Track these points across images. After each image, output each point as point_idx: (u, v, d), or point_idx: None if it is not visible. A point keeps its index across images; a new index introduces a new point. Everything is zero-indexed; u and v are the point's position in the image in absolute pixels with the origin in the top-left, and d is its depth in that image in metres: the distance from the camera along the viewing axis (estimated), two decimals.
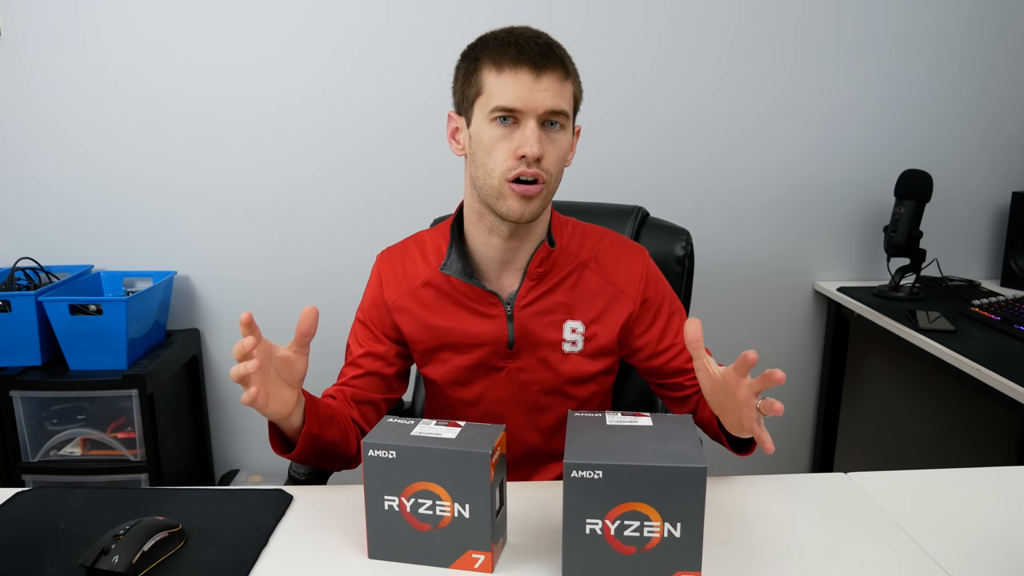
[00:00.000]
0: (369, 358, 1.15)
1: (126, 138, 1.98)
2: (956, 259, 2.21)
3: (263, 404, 0.87)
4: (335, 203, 2.05)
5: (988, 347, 1.60)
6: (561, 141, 1.02)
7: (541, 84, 0.98)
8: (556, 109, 0.99)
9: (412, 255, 1.16)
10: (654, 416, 0.87)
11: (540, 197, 1.02)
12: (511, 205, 1.01)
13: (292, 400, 0.93)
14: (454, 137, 1.09)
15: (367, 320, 1.16)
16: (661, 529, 0.75)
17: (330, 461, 1.07)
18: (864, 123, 2.11)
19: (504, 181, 1.01)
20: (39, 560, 0.84)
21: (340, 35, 1.95)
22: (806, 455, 2.33)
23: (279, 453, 0.98)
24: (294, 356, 0.90)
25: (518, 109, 0.99)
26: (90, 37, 1.92)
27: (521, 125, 1.00)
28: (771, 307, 2.21)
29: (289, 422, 0.95)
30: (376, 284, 1.17)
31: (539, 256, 1.09)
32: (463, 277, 1.09)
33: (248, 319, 0.83)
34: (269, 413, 0.91)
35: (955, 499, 0.99)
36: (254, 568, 0.84)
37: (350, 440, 1.07)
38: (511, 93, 0.98)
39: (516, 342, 1.11)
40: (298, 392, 0.94)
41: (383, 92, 1.99)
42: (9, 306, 1.79)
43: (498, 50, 1.00)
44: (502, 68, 0.99)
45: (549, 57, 0.99)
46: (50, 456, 1.85)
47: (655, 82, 2.02)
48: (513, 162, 1.00)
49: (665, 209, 1.62)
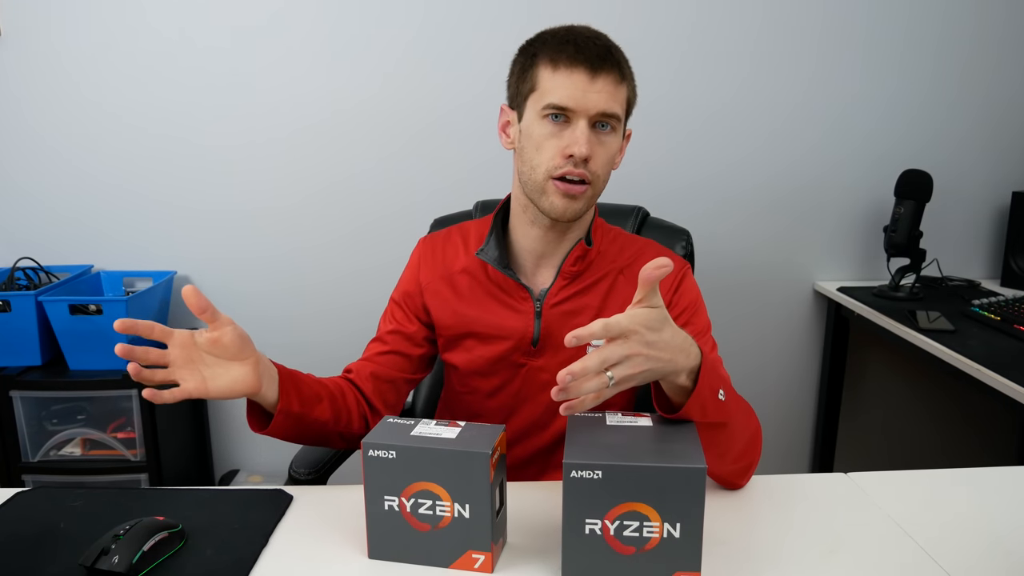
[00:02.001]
0: (397, 336, 1.15)
1: (127, 138, 1.98)
2: (956, 259, 2.21)
3: (202, 388, 0.87)
4: (336, 207, 2.05)
5: (988, 347, 1.60)
6: (610, 143, 1.03)
7: (596, 85, 0.98)
8: (608, 111, 1.00)
9: (454, 242, 1.18)
10: (654, 416, 0.87)
11: (584, 198, 1.02)
12: (553, 202, 1.02)
13: (248, 376, 0.89)
14: (504, 131, 1.09)
15: (400, 300, 1.17)
16: (660, 529, 0.75)
17: (327, 440, 1.06)
18: (864, 124, 2.11)
19: (548, 178, 1.01)
20: (39, 560, 0.84)
21: (342, 43, 1.96)
22: (806, 455, 2.33)
23: (255, 430, 0.97)
24: (214, 333, 0.87)
25: (570, 108, 0.99)
26: (91, 37, 1.92)
27: (572, 124, 1.00)
28: (771, 307, 2.21)
29: (263, 397, 0.93)
30: (414, 266, 1.18)
31: (575, 254, 1.09)
32: (498, 265, 1.10)
33: (124, 325, 0.82)
34: (224, 392, 0.88)
35: (955, 499, 0.99)
36: (254, 568, 0.84)
37: (352, 419, 1.06)
38: (565, 92, 0.99)
39: (541, 340, 1.11)
40: (251, 365, 0.89)
41: (384, 99, 1.99)
42: (9, 306, 1.79)
43: (556, 48, 1.00)
44: (558, 66, 1.00)
45: (606, 59, 0.99)
46: (50, 456, 1.85)
47: (655, 83, 2.02)
48: (560, 160, 1.00)
49: (665, 209, 1.62)
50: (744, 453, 0.97)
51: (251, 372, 0.89)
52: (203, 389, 0.87)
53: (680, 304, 1.11)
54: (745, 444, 0.96)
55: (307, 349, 2.09)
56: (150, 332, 0.85)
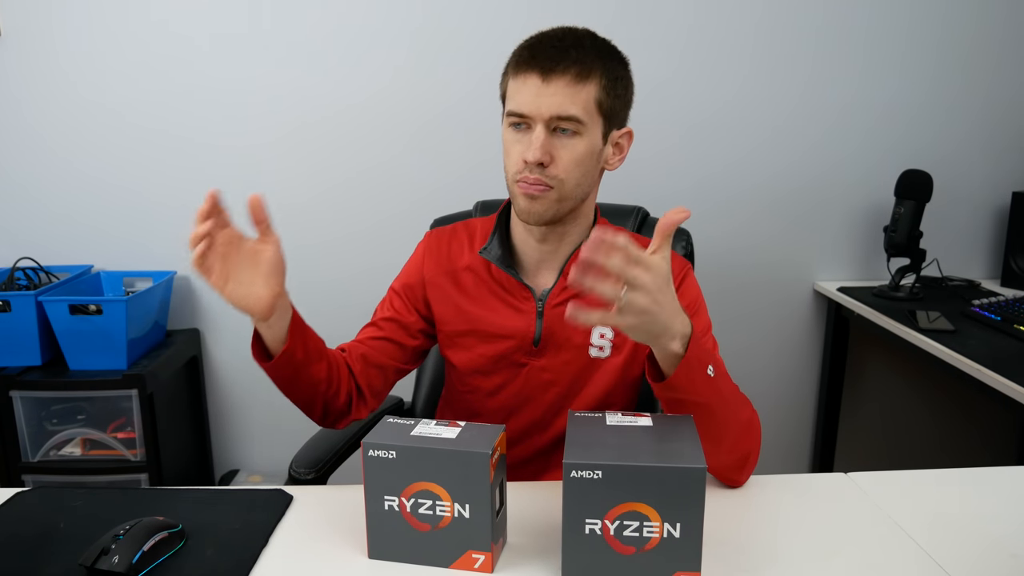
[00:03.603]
0: (392, 324, 1.16)
1: (127, 138, 1.98)
2: (956, 259, 2.21)
3: (221, 283, 0.87)
4: (336, 208, 2.05)
5: (988, 347, 1.61)
6: (576, 146, 1.01)
7: (548, 89, 0.98)
8: (563, 115, 0.98)
9: (460, 238, 1.18)
10: (654, 416, 0.87)
11: (547, 199, 1.02)
12: (520, 204, 1.04)
13: (265, 298, 0.89)
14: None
15: (401, 290, 1.18)
16: (660, 529, 0.75)
17: (312, 401, 1.04)
18: (864, 124, 2.11)
19: (514, 182, 1.03)
20: (39, 560, 0.84)
21: (343, 44, 1.96)
22: (806, 455, 2.33)
23: (257, 359, 0.97)
24: (259, 245, 0.88)
25: (525, 114, 1.00)
26: (92, 36, 1.92)
27: (531, 130, 1.00)
28: (771, 307, 2.21)
29: (270, 328, 0.94)
30: (419, 258, 1.18)
31: (576, 256, 1.08)
32: (500, 264, 1.10)
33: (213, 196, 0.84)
34: (236, 300, 0.88)
35: (955, 499, 0.99)
36: (254, 568, 0.84)
37: (340, 390, 1.06)
38: (520, 97, 1.00)
39: (542, 340, 1.11)
40: (275, 293, 0.90)
41: (385, 99, 1.99)
42: (9, 306, 1.79)
43: (518, 54, 1.02)
44: (517, 73, 1.01)
45: (560, 60, 0.98)
46: (50, 456, 1.85)
47: (654, 84, 2.02)
48: (521, 165, 1.01)
49: (665, 209, 1.61)
50: (739, 442, 0.96)
51: (269, 296, 0.90)
52: (221, 287, 0.88)
53: (681, 303, 1.10)
54: (739, 432, 0.96)
55: None
56: (212, 211, 0.85)
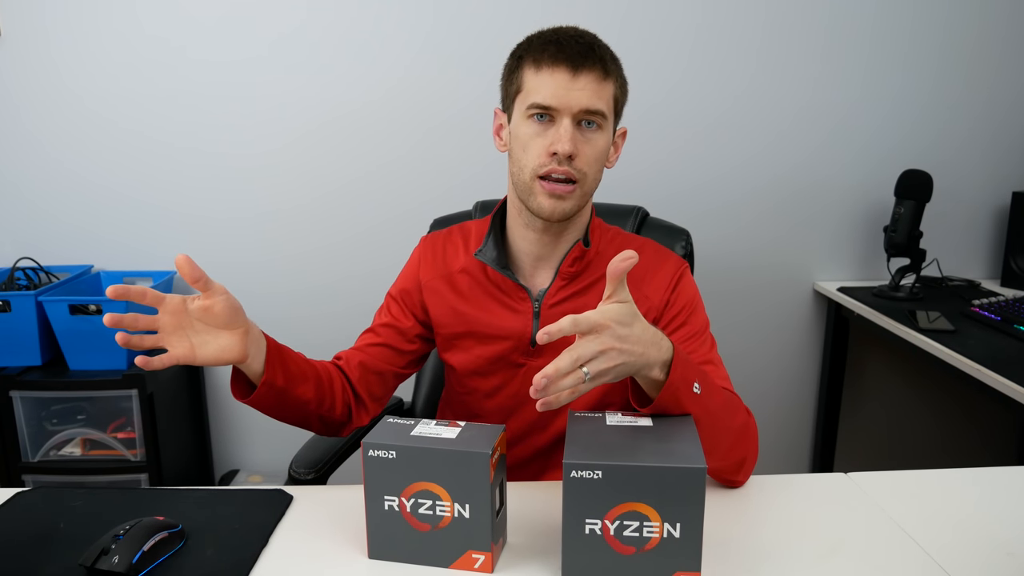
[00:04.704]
0: (390, 330, 1.16)
1: (127, 139, 1.98)
2: (956, 259, 2.21)
3: (189, 354, 0.87)
4: (336, 210, 2.05)
5: (988, 347, 1.60)
6: (597, 141, 1.03)
7: (578, 83, 0.99)
8: (592, 108, 1.00)
9: (455, 241, 1.18)
10: (654, 416, 0.87)
11: (573, 197, 1.03)
12: (540, 202, 1.03)
13: (235, 345, 0.89)
14: (498, 134, 1.11)
15: (398, 296, 1.18)
16: (660, 529, 0.75)
17: (307, 420, 1.05)
18: (864, 124, 2.11)
19: (534, 178, 1.02)
20: (39, 560, 0.84)
21: (343, 48, 1.96)
22: (806, 455, 2.33)
23: (238, 398, 0.97)
24: (206, 301, 0.87)
25: (553, 107, 1.00)
26: (90, 39, 1.92)
27: (556, 123, 1.00)
28: (771, 307, 2.21)
29: (249, 367, 0.93)
30: (415, 263, 1.19)
31: (572, 255, 1.09)
32: (496, 266, 1.10)
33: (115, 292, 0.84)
34: (210, 360, 0.88)
35: (955, 499, 0.99)
36: (254, 568, 0.84)
37: (335, 404, 1.06)
38: (547, 90, 1.00)
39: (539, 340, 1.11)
40: (240, 335, 0.89)
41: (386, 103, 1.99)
42: (9, 306, 1.79)
43: (539, 48, 1.02)
44: (541, 66, 1.01)
45: (588, 56, 1.00)
46: (50, 456, 1.85)
47: (654, 84, 2.02)
48: (545, 158, 1.01)
49: (665, 209, 1.63)
50: (734, 447, 0.96)
51: (239, 341, 0.89)
52: (191, 356, 0.87)
53: (678, 303, 1.11)
54: (732, 440, 0.96)
55: (306, 351, 2.07)
56: (142, 297, 0.85)
